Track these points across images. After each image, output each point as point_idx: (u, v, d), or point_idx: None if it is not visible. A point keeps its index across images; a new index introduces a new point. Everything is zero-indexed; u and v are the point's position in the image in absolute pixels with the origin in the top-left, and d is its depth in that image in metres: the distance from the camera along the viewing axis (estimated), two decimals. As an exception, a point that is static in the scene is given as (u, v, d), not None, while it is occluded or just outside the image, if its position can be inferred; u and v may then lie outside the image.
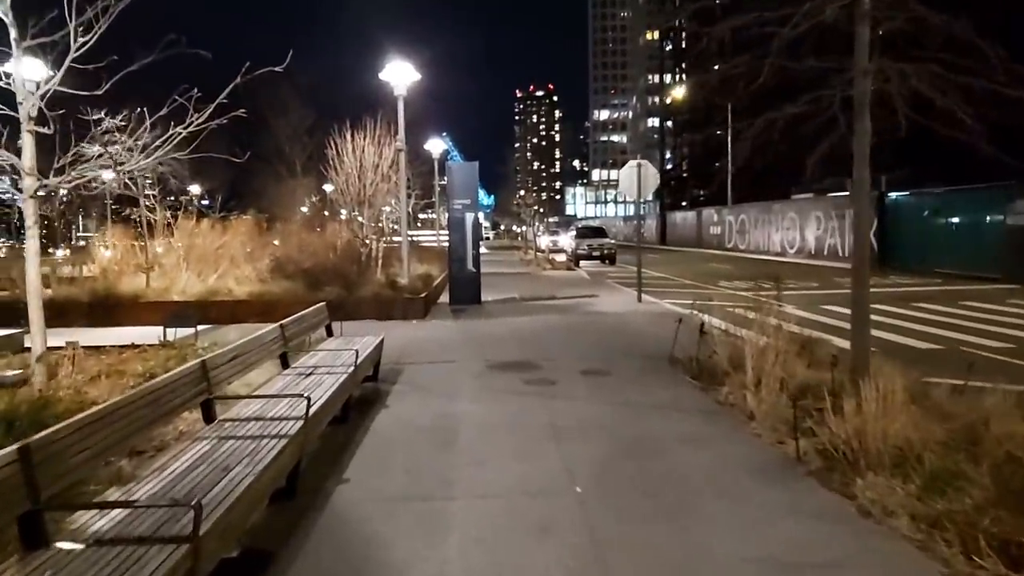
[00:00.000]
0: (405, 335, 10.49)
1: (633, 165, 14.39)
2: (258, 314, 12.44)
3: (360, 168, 15.19)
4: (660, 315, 12.73)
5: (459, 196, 14.40)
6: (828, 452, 4.68)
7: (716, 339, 7.67)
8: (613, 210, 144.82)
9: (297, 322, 6.27)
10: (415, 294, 13.05)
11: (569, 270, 25.54)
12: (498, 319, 12.34)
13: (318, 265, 13.83)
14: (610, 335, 10.40)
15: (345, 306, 12.48)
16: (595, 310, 13.49)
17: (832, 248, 27.43)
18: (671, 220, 51.34)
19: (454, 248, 14.60)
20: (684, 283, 21.11)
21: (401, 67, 13.36)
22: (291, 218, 26.07)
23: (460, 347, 9.43)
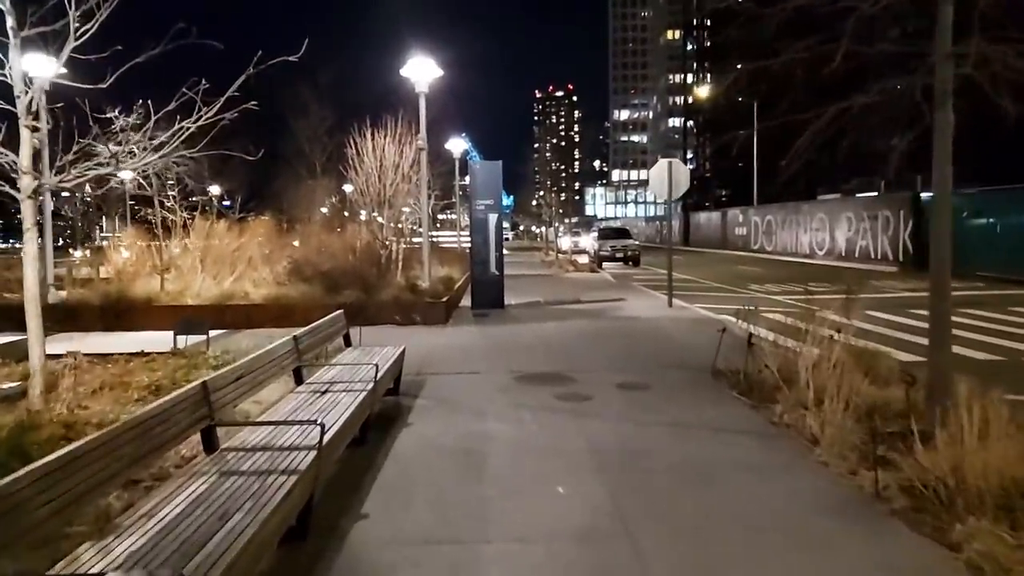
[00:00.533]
0: (427, 342, 9.99)
1: (664, 164, 13.77)
2: (274, 319, 12.03)
3: (380, 168, 14.75)
4: (693, 321, 12.10)
5: (482, 196, 13.89)
6: (914, 488, 4.08)
7: (764, 351, 7.05)
8: (633, 211, 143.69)
9: (312, 333, 5.78)
10: (436, 298, 12.56)
11: (592, 272, 24.93)
12: (523, 325, 11.80)
13: (337, 268, 13.39)
14: (643, 343, 9.81)
15: (364, 311, 12.02)
16: (624, 315, 12.89)
17: (864, 250, 26.53)
18: (695, 221, 50.45)
19: (476, 250, 14.09)
20: (713, 286, 20.42)
21: (423, 63, 12.87)
22: (311, 219, 25.76)
23: (485, 356, 8.90)
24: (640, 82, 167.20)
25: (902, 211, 23.92)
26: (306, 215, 25.07)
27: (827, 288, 19.82)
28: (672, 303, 14.13)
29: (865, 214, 26.21)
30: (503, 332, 11.02)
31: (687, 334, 10.65)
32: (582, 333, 10.75)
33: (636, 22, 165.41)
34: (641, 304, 14.77)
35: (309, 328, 5.77)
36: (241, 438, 3.92)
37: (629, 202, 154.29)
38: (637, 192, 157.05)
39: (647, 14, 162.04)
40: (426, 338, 10.41)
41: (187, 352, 8.21)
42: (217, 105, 5.83)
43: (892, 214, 24.47)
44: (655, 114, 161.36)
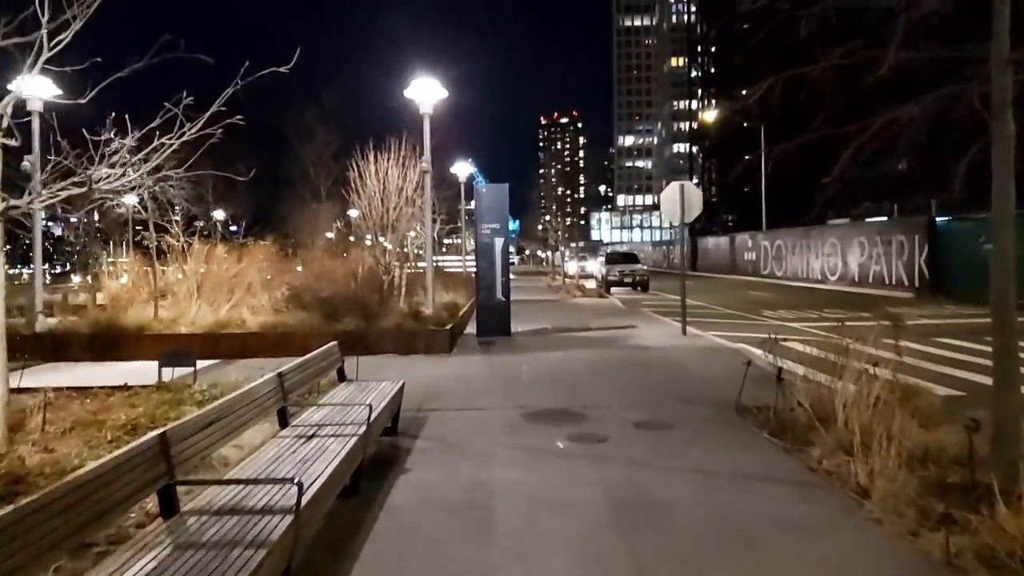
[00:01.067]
0: (429, 373, 9.44)
1: (676, 186, 13.30)
2: (271, 348, 11.53)
3: (383, 191, 14.34)
4: (709, 350, 11.52)
5: (488, 220, 13.43)
6: (995, 559, 3.49)
7: (795, 386, 6.47)
8: (639, 235, 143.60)
9: (300, 369, 5.24)
10: (440, 326, 12.03)
11: (601, 298, 24.39)
12: (531, 354, 11.24)
13: (337, 294, 12.89)
14: (659, 375, 9.23)
15: (364, 339, 11.50)
16: (636, 344, 12.32)
17: (878, 275, 25.92)
18: (702, 246, 49.93)
19: (482, 275, 13.60)
20: (725, 312, 19.84)
21: (427, 84, 12.52)
22: (314, 244, 25.38)
23: (490, 389, 8.33)
24: (644, 108, 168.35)
25: (917, 235, 23.36)
26: (309, 240, 24.69)
27: (843, 315, 19.18)
28: (686, 331, 13.56)
29: (879, 239, 25.65)
30: (510, 362, 10.46)
31: (704, 365, 10.07)
32: (593, 364, 10.18)
33: (640, 49, 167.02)
34: (653, 332, 14.20)
35: (297, 364, 5.23)
36: (208, 497, 3.37)
37: (635, 227, 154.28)
38: (642, 217, 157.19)
39: (651, 42, 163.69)
40: (429, 369, 9.86)
41: (172, 385, 7.69)
42: (200, 121, 5.38)
43: (907, 238, 23.91)
44: (660, 140, 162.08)
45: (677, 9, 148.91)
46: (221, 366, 10.52)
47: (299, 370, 5.15)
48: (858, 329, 7.51)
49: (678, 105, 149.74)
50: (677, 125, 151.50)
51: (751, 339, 13.24)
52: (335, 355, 6.29)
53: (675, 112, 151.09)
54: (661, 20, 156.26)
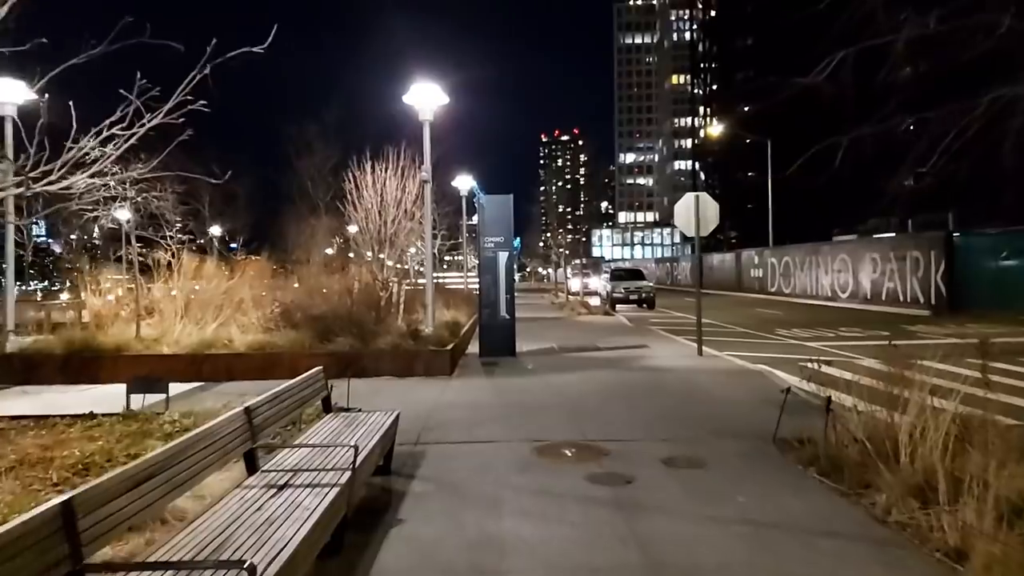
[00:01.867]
0: (428, 399, 8.63)
1: (691, 197, 12.57)
2: (258, 369, 10.74)
3: (381, 203, 13.61)
4: (730, 372, 10.70)
5: (491, 233, 12.68)
6: None
7: (842, 416, 5.67)
8: (640, 252, 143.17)
9: (274, 401, 4.43)
10: (440, 346, 11.23)
11: (607, 315, 23.59)
12: (538, 377, 10.43)
13: (330, 312, 12.11)
14: (680, 401, 8.41)
15: (359, 361, 10.71)
16: (651, 365, 11.51)
17: (891, 292, 25.12)
18: (707, 262, 49.16)
19: (485, 292, 12.82)
20: (737, 331, 19.03)
21: (427, 89, 11.84)
22: (311, 260, 24.65)
23: (496, 418, 7.52)
24: (645, 126, 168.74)
25: (933, 251, 22.60)
26: (306, 255, 23.95)
27: (860, 333, 18.41)
28: (702, 351, 12.75)
29: (892, 255, 24.88)
30: (516, 386, 9.65)
31: (727, 388, 9.26)
32: (607, 387, 9.37)
33: (641, 67, 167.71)
34: (667, 352, 13.39)
35: (270, 396, 4.42)
36: None
37: (636, 244, 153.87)
38: (644, 234, 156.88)
39: (652, 59, 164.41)
40: (428, 393, 9.04)
41: (141, 414, 6.88)
42: (164, 110, 4.62)
43: (922, 254, 23.15)
44: (661, 157, 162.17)
45: (678, 27, 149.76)
46: (202, 390, 9.72)
47: (273, 403, 4.34)
48: (906, 349, 6.72)
49: (679, 122, 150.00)
50: (678, 143, 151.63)
51: (770, 360, 12.45)
52: (319, 382, 5.49)
53: (676, 129, 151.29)
54: (662, 38, 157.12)
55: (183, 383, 10.45)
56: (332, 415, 5.47)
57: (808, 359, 12.84)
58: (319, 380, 5.46)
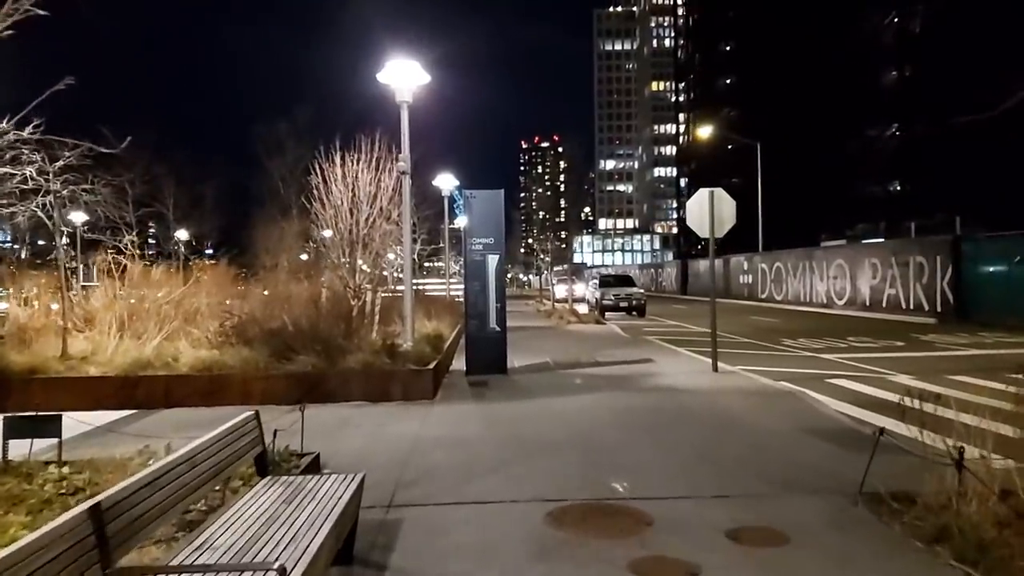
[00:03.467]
0: (406, 434, 7.02)
1: (705, 194, 11.14)
2: (204, 394, 9.06)
3: (353, 199, 11.99)
4: (758, 394, 9.23)
5: (479, 233, 11.12)
6: None
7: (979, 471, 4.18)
8: (620, 258, 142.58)
9: (161, 482, 2.77)
10: (421, 364, 9.63)
11: (598, 324, 22.12)
12: (537, 401, 8.87)
13: (292, 325, 10.44)
14: (716, 433, 6.91)
15: (323, 383, 9.08)
16: (665, 385, 10.01)
17: (892, 300, 23.99)
18: (693, 269, 48.11)
19: (472, 300, 11.25)
20: (740, 341, 17.63)
21: (405, 67, 10.27)
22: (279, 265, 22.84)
23: (493, 463, 5.93)
24: (625, 132, 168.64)
25: (939, 256, 21.48)
26: (274, 261, 22.14)
27: (872, 342, 17.09)
28: (717, 367, 11.29)
29: (894, 260, 23.76)
30: (512, 414, 8.07)
31: (763, 415, 7.78)
32: (622, 415, 7.84)
33: (621, 74, 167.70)
34: (676, 368, 11.92)
35: (146, 476, 2.73)
36: None
37: (616, 250, 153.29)
38: (624, 240, 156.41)
39: (632, 66, 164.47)
40: (406, 426, 7.43)
41: (23, 466, 5.17)
42: None
43: (927, 260, 22.03)
44: (641, 164, 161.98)
45: (658, 34, 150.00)
46: (127, 423, 8.01)
47: (156, 486, 2.69)
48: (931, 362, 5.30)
49: (659, 129, 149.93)
50: (658, 149, 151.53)
51: (792, 376, 11.06)
52: (251, 434, 3.86)
53: (656, 136, 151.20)
54: (642, 45, 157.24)
55: (111, 411, 8.75)
56: (269, 481, 3.83)
57: (834, 375, 11.48)
58: (249, 432, 3.83)
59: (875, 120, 48.08)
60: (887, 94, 46.41)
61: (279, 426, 5.12)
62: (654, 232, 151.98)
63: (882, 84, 47.91)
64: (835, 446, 6.39)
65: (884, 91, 47.00)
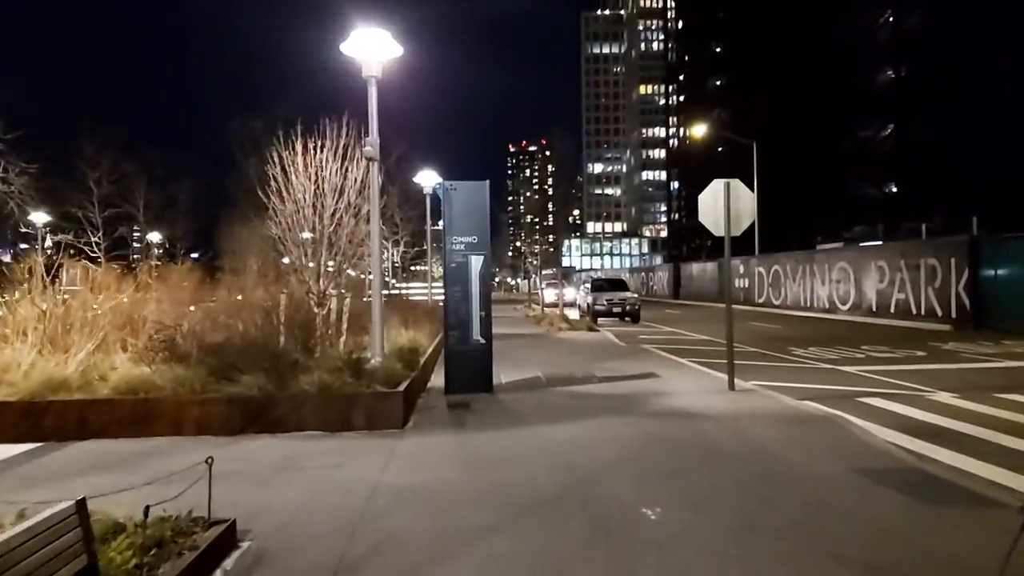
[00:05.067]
0: (360, 483, 5.48)
1: (719, 185, 9.71)
2: (128, 422, 7.51)
3: (317, 192, 10.48)
4: (790, 420, 7.78)
5: (461, 231, 9.62)
6: None
7: None
8: (609, 262, 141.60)
9: None
10: (390, 384, 8.11)
11: (591, 331, 20.66)
12: (528, 431, 7.37)
13: (242, 337, 8.89)
14: (758, 482, 5.44)
15: (273, 408, 7.55)
16: (677, 407, 8.54)
17: (901, 304, 22.72)
18: (686, 272, 46.83)
19: (452, 308, 9.74)
20: (745, 351, 16.23)
21: (373, 37, 8.77)
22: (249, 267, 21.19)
23: (470, 535, 4.41)
24: (613, 136, 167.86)
25: (954, 259, 20.23)
26: (242, 263, 20.51)
27: (889, 352, 15.67)
28: (734, 384, 9.85)
29: (903, 263, 22.50)
30: (498, 451, 6.56)
31: (804, 451, 6.33)
32: (633, 452, 6.36)
33: (608, 77, 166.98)
34: (685, 384, 10.47)
35: None
36: None
37: (604, 254, 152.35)
38: (612, 244, 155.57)
39: (620, 69, 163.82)
40: (363, 468, 5.91)
41: None
42: None
43: (939, 263, 20.78)
44: (629, 167, 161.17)
45: (646, 37, 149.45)
46: (19, 462, 6.42)
47: None
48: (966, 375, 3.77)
49: (647, 133, 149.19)
50: (646, 153, 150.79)
51: (815, 394, 9.69)
52: (66, 539, 2.32)
53: (644, 140, 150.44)
54: (630, 48, 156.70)
55: (11, 444, 7.18)
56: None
57: (864, 392, 10.06)
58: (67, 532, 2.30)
59: (870, 120, 47.17)
60: (882, 94, 45.53)
61: (214, 462, 3.61)
62: (642, 236, 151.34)
63: (877, 84, 47.04)
64: (914, 499, 4.95)
65: (879, 91, 46.14)
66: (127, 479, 5.62)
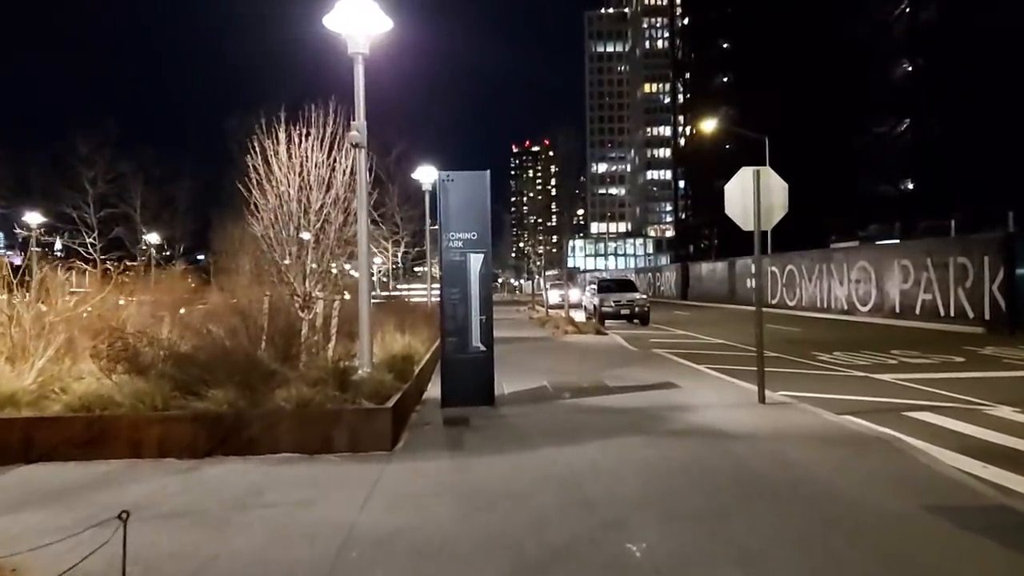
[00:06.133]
0: (333, 528, 4.51)
1: (748, 173, 8.72)
2: (81, 443, 6.60)
3: (302, 184, 9.53)
4: (836, 442, 6.78)
5: (459, 226, 8.66)
6: None
7: None
8: (613, 263, 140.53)
9: None
10: (379, 399, 7.15)
11: (599, 334, 19.68)
12: (535, 455, 6.39)
13: (213, 344, 7.95)
14: (819, 531, 4.45)
15: (244, 427, 6.62)
16: (701, 424, 7.55)
17: (928, 306, 21.63)
18: (694, 272, 45.78)
19: (449, 312, 8.77)
20: (768, 356, 15.22)
21: (359, 9, 7.82)
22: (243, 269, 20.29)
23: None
24: (617, 135, 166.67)
25: (987, 256, 19.13)
26: (235, 264, 19.60)
27: (920, 357, 14.48)
28: (764, 396, 8.87)
29: (929, 261, 21.43)
30: (501, 483, 5.58)
31: (868, 486, 5.33)
32: (657, 484, 5.38)
33: (613, 76, 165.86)
34: (707, 395, 9.49)
35: None
36: None
37: (609, 254, 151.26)
38: (616, 244, 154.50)
39: (624, 68, 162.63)
40: (339, 505, 4.94)
41: None
42: None
43: (971, 260, 19.70)
44: (633, 167, 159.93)
45: (650, 35, 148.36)
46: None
47: None
48: None
49: (652, 132, 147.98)
50: (651, 152, 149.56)
51: (852, 406, 8.71)
52: None
53: (649, 139, 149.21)
54: (634, 46, 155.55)
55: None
56: None
57: (910, 405, 9.04)
58: None
59: (884, 116, 46.03)
60: (897, 88, 44.40)
61: (168, 494, 2.66)
62: (647, 236, 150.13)
63: (892, 78, 45.91)
64: (1014, 551, 3.97)
65: (894, 85, 45.01)
66: (59, 519, 4.72)
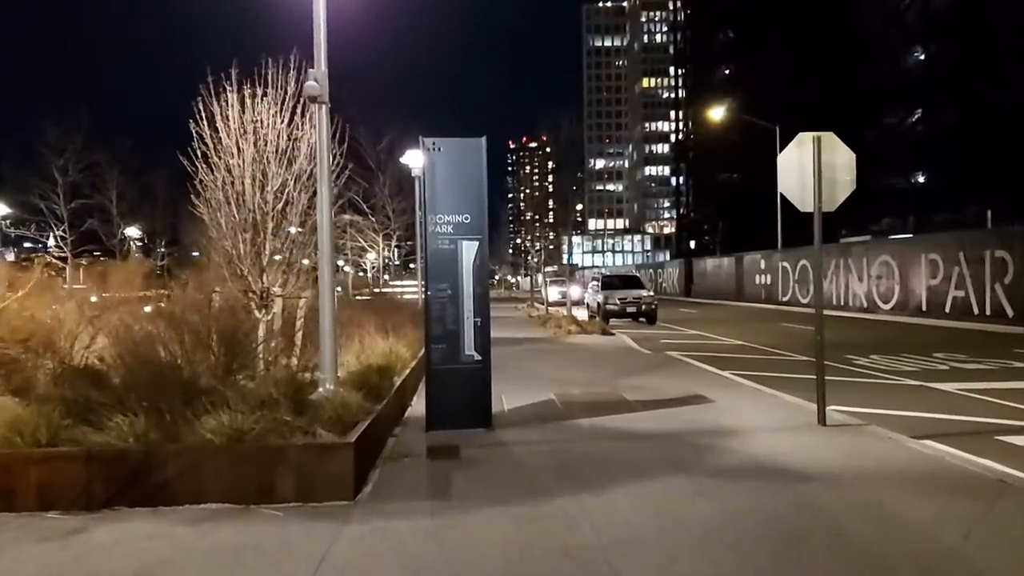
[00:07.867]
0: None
1: (806, 140, 7.00)
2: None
3: (256, 156, 7.82)
4: (960, 489, 5.09)
5: (447, 207, 6.93)
6: None
7: None
8: (611, 259, 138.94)
9: None
10: (341, 427, 5.44)
11: (605, 334, 18.00)
12: (547, 507, 4.69)
13: (136, 355, 6.21)
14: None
15: (157, 468, 4.91)
16: (757, 457, 5.85)
17: (959, 303, 20.02)
18: (699, 268, 44.16)
19: (437, 313, 7.04)
20: (794, 359, 13.64)
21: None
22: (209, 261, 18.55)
23: None
24: (615, 131, 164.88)
25: (1027, 250, 17.57)
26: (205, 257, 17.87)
27: (981, 363, 12.38)
28: (825, 417, 7.18)
29: (962, 255, 19.81)
30: (500, 562, 3.88)
31: (1019, 562, 3.65)
32: (737, 567, 3.70)
33: (611, 71, 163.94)
34: (751, 413, 7.79)
35: None
36: None
37: (607, 251, 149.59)
38: (614, 241, 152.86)
39: (622, 63, 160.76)
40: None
41: None
42: None
43: (1011, 254, 18.10)
44: (631, 163, 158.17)
45: (649, 28, 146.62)
46: None
47: None
48: None
49: (650, 127, 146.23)
50: (649, 147, 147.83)
51: (931, 426, 7.01)
52: None
53: (647, 134, 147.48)
54: (632, 41, 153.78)
55: None
56: None
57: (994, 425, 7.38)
58: None
59: (895, 107, 44.38)
60: (910, 78, 42.77)
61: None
62: (645, 232, 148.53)
63: (904, 67, 44.26)
64: None
65: (906, 75, 43.39)
66: None
